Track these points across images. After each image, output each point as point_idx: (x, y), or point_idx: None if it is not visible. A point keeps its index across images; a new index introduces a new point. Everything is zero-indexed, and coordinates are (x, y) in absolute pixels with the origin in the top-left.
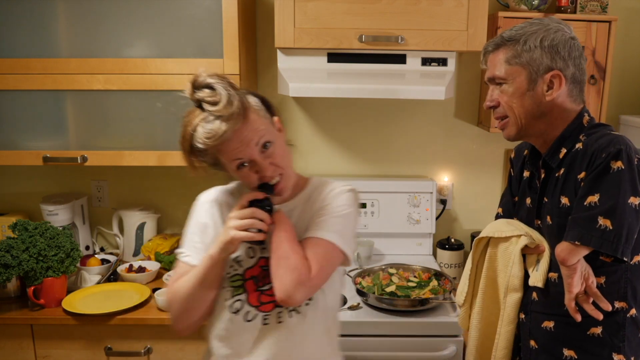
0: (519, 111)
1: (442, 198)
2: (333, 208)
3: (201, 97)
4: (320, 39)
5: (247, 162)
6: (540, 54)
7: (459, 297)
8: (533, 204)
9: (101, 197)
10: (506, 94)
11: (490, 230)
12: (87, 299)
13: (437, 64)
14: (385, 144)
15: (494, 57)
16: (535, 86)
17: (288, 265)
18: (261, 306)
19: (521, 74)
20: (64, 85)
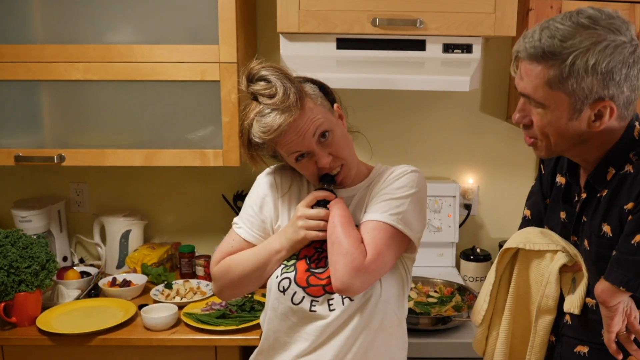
0: (555, 139)
1: (467, 202)
2: (393, 190)
3: (256, 90)
4: (329, 23)
5: (305, 153)
6: (590, 81)
7: (477, 315)
8: (569, 220)
9: (80, 201)
10: (542, 118)
11: (521, 241)
12: (64, 317)
13: (461, 51)
14: (402, 142)
15: (529, 69)
16: (580, 116)
17: (340, 250)
18: (308, 287)
19: (564, 102)
20: (38, 75)
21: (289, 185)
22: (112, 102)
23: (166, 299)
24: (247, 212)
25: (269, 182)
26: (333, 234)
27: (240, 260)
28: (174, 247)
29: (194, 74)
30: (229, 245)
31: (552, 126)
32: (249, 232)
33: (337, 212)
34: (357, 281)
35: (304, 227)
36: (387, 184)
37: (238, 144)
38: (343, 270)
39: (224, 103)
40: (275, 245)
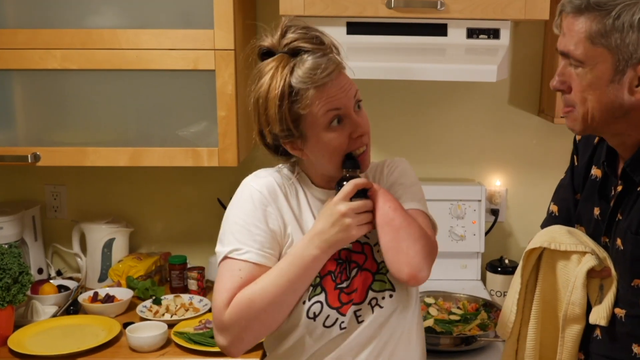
0: (593, 106)
1: (494, 208)
2: (403, 181)
3: (295, 38)
4: (338, 5)
5: (343, 115)
6: (636, 38)
7: (505, 329)
8: (603, 217)
9: (58, 206)
10: (581, 80)
11: (546, 240)
12: (39, 337)
13: (487, 37)
14: (419, 139)
15: (572, 22)
16: (622, 78)
17: (412, 235)
18: (342, 307)
19: (606, 60)
20: (10, 64)
21: (283, 188)
22: (94, 94)
23: (154, 317)
24: (250, 230)
25: (264, 189)
26: (396, 220)
27: (265, 287)
28: (163, 257)
29: (185, 63)
30: (237, 278)
31: (591, 88)
32: (260, 254)
33: (389, 197)
34: (428, 266)
35: (355, 224)
36: (394, 177)
37: (235, 142)
38: (419, 255)
39: (219, 95)
40: (311, 251)
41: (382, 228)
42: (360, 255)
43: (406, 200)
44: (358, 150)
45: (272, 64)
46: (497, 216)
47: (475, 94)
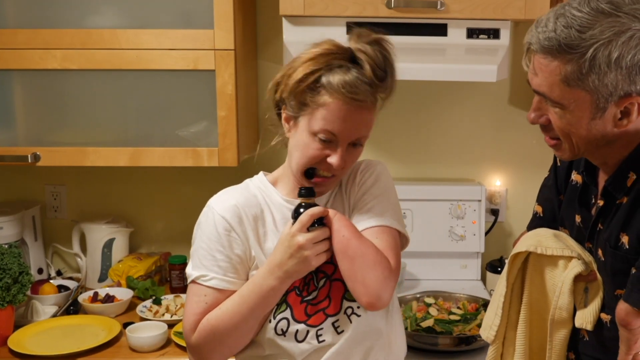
0: (578, 140)
1: (493, 207)
2: (376, 190)
3: (365, 51)
4: (338, 5)
5: (333, 140)
6: (614, 77)
7: (489, 331)
8: (585, 225)
9: (58, 206)
10: (561, 119)
11: (532, 244)
12: (40, 337)
13: (487, 37)
14: (419, 139)
15: (543, 64)
16: (604, 115)
17: (367, 263)
18: (309, 319)
19: (584, 101)
20: (10, 64)
21: (247, 211)
22: (94, 94)
23: (154, 316)
24: (214, 256)
25: (228, 214)
26: (350, 248)
27: (227, 313)
28: (163, 257)
29: (185, 63)
30: (202, 304)
31: (572, 127)
32: (224, 279)
33: (343, 224)
34: (388, 291)
35: (313, 255)
36: (366, 185)
37: (235, 142)
38: (376, 283)
39: (219, 95)
40: (269, 282)
41: (338, 256)
42: (329, 265)
43: (373, 215)
44: (323, 172)
45: (333, 49)
46: (497, 216)
47: (475, 94)
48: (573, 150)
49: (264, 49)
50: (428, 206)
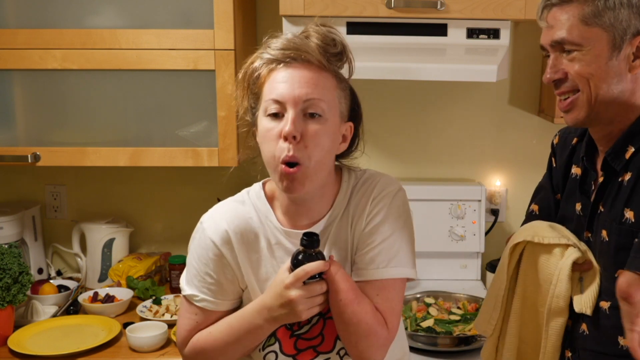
0: (596, 85)
1: (494, 208)
2: (386, 229)
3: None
4: (338, 5)
5: (281, 114)
6: (627, 14)
7: (486, 325)
8: (584, 212)
9: (58, 206)
10: (580, 62)
11: (529, 234)
12: (39, 337)
13: (487, 37)
14: (420, 139)
15: (560, 12)
16: (620, 54)
17: (360, 332)
18: (299, 354)
19: (602, 38)
20: (10, 64)
21: (240, 237)
22: (94, 94)
23: (154, 317)
24: (204, 279)
25: (219, 239)
26: (346, 314)
27: (216, 340)
28: (163, 257)
29: (185, 63)
30: (192, 321)
31: (592, 68)
32: (213, 302)
33: (343, 286)
34: (380, 355)
35: (305, 309)
36: (375, 221)
37: (235, 142)
38: (368, 351)
39: (219, 95)
40: (257, 322)
41: (333, 315)
42: None
43: (379, 264)
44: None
45: None
46: (497, 216)
47: (476, 93)
48: (590, 101)
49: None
50: (428, 206)
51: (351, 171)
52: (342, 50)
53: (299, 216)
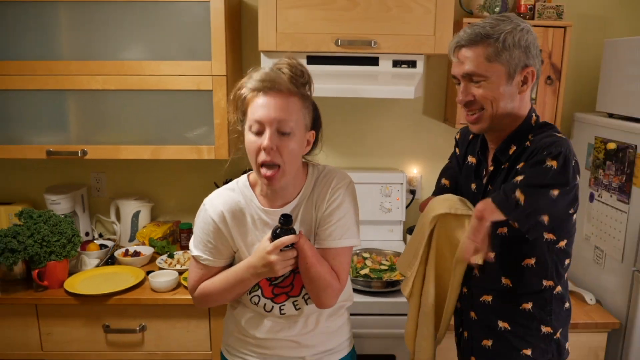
0: (496, 104)
1: (412, 188)
2: (340, 212)
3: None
4: (301, 43)
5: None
6: (518, 52)
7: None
8: (479, 190)
9: (100, 187)
10: (485, 89)
11: (448, 207)
12: (86, 281)
13: (407, 66)
14: (360, 139)
15: (468, 52)
16: (512, 81)
17: (320, 286)
18: (275, 298)
19: (500, 71)
20: (65, 86)
21: (232, 215)
22: (125, 107)
23: (169, 267)
24: (206, 244)
25: (217, 217)
26: (310, 272)
27: (216, 287)
28: (175, 224)
29: (191, 85)
30: (199, 274)
31: (493, 92)
32: (212, 260)
33: (308, 254)
34: (334, 301)
35: (281, 268)
36: (333, 204)
37: (227, 141)
38: (326, 300)
39: (215, 108)
40: (246, 275)
41: (301, 273)
42: None
43: (335, 237)
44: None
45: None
46: (414, 195)
47: (399, 107)
48: (492, 115)
49: None
50: (365, 188)
51: (315, 166)
52: (307, 79)
53: (275, 199)
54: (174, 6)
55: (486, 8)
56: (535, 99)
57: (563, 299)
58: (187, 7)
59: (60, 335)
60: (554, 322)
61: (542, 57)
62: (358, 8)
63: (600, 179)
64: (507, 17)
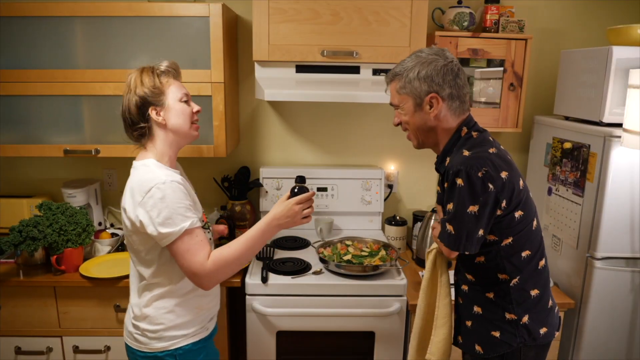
0: (413, 127)
1: (389, 183)
2: None
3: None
4: (290, 54)
5: (189, 98)
6: (419, 84)
7: None
8: None
9: (111, 182)
10: (402, 114)
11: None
12: (99, 266)
13: (385, 74)
14: (343, 139)
15: (390, 87)
16: (421, 107)
17: None
18: None
19: (409, 100)
20: (81, 92)
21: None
22: None
23: None
24: (189, 208)
25: (180, 180)
26: None
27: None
28: None
29: (193, 91)
30: (200, 243)
31: (408, 118)
32: (199, 218)
33: None
34: None
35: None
36: None
37: (224, 141)
38: None
39: (214, 112)
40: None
41: None
42: None
43: None
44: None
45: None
46: (391, 189)
47: (378, 110)
48: (416, 136)
49: (243, 82)
50: (347, 182)
51: None
52: None
53: None
54: (177, 21)
55: (456, 22)
56: (499, 103)
57: (525, 288)
58: (189, 22)
59: (76, 314)
60: (516, 309)
61: (506, 66)
62: (342, 22)
63: (558, 175)
64: (419, 55)
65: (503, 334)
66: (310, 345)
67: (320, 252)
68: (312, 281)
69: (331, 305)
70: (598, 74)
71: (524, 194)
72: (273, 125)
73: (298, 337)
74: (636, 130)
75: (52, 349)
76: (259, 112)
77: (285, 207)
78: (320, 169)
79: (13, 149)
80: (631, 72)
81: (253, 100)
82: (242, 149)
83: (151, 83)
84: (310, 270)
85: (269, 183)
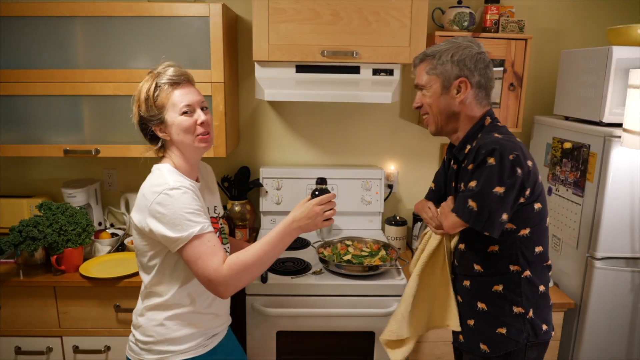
0: (436, 110)
1: (389, 183)
2: None
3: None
4: (290, 54)
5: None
6: (450, 66)
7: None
8: (456, 189)
9: (111, 182)
10: (427, 96)
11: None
12: (99, 266)
13: (385, 74)
14: (343, 139)
15: (417, 68)
16: (448, 91)
17: None
18: None
19: (437, 82)
20: (81, 92)
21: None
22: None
23: None
24: (199, 213)
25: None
26: None
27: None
28: None
29: None
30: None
31: (432, 100)
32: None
33: None
34: None
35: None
36: None
37: (225, 141)
38: None
39: (214, 112)
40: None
41: None
42: None
43: None
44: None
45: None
46: (392, 189)
47: (378, 110)
48: (435, 120)
49: (243, 81)
50: (347, 182)
51: None
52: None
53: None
54: (177, 21)
55: (456, 22)
56: (499, 103)
57: (535, 282)
58: (189, 22)
59: (76, 314)
60: (524, 302)
61: (506, 66)
62: (342, 22)
63: (558, 175)
64: (455, 40)
65: (509, 330)
66: (310, 345)
67: (320, 252)
68: (312, 281)
69: (331, 305)
70: (598, 74)
71: (542, 188)
72: (273, 125)
73: (298, 337)
74: (636, 130)
75: (52, 349)
76: (259, 112)
77: (305, 208)
78: (320, 169)
79: (13, 149)
80: (631, 72)
81: (253, 100)
82: (242, 149)
83: (148, 104)
84: (310, 270)
85: (269, 183)
